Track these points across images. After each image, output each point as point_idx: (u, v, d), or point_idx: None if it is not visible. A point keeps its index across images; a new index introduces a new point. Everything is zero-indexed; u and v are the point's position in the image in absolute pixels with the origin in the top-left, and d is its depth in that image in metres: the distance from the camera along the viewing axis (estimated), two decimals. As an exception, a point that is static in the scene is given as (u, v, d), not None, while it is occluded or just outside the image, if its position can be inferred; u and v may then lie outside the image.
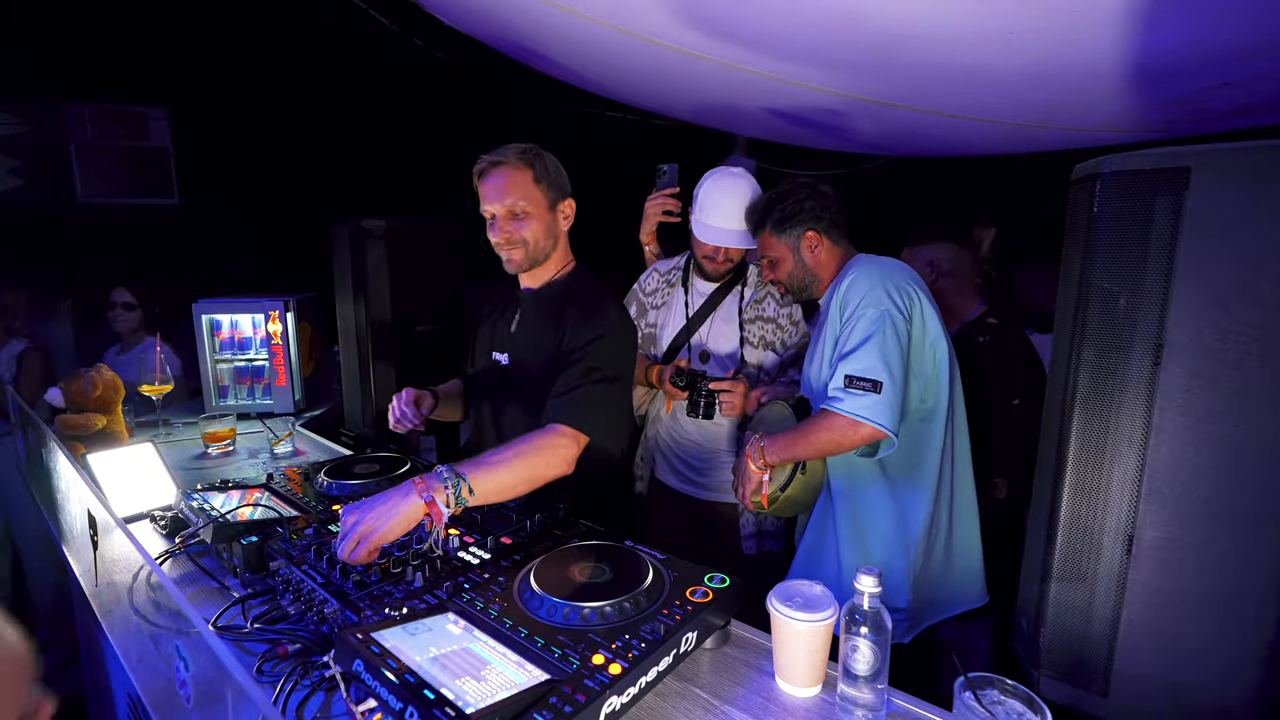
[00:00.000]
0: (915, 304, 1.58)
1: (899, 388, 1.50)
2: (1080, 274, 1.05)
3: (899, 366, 1.50)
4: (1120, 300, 1.00)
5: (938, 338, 1.61)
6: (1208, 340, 0.94)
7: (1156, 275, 0.96)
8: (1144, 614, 1.01)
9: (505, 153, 1.53)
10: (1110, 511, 1.02)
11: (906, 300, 1.57)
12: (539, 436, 1.40)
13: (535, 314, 1.64)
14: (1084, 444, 1.05)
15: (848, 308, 1.58)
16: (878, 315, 1.52)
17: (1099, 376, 1.02)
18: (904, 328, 1.54)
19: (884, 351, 1.49)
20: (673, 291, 2.14)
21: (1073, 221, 1.10)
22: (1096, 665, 1.04)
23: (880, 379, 1.48)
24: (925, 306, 1.59)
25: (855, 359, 1.51)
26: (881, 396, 1.47)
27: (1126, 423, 1.00)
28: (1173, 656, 1.00)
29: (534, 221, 1.54)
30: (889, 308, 1.53)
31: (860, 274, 1.60)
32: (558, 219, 1.59)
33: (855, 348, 1.52)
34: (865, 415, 1.46)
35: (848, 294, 1.59)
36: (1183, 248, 0.94)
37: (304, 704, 0.93)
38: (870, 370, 1.48)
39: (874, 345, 1.50)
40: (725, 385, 1.88)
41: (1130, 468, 1.00)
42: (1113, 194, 1.00)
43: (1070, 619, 1.07)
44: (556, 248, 1.62)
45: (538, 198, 1.53)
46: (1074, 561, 1.06)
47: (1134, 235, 0.98)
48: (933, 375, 1.61)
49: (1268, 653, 0.94)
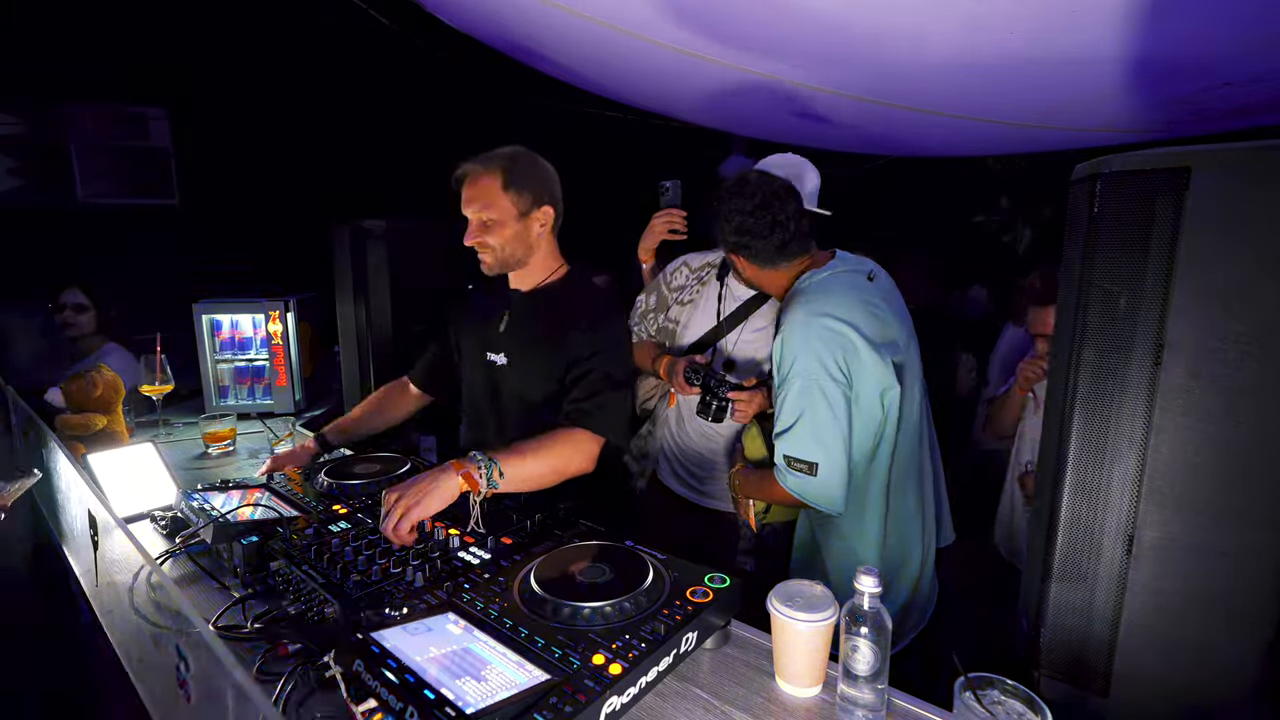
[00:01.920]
0: (853, 356, 1.46)
1: (837, 460, 1.43)
2: (1080, 274, 1.04)
3: (835, 439, 1.43)
4: (1120, 300, 0.99)
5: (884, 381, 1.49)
6: (1208, 340, 0.94)
7: (1156, 275, 0.96)
8: (1144, 614, 1.01)
9: (483, 158, 1.55)
10: (1110, 511, 1.02)
11: (841, 357, 1.45)
12: (564, 432, 1.49)
13: (528, 316, 1.64)
14: (1084, 444, 1.05)
15: (781, 366, 1.49)
16: (806, 387, 1.44)
17: (1099, 376, 1.02)
18: (838, 393, 1.44)
19: (816, 430, 1.43)
20: (704, 290, 2.01)
21: (1073, 221, 1.10)
22: (1096, 665, 1.04)
23: (816, 460, 1.43)
24: (863, 353, 1.46)
25: (790, 439, 1.46)
26: (819, 478, 1.43)
27: (1126, 423, 1.00)
28: (1173, 656, 1.00)
29: (502, 229, 1.54)
30: (819, 376, 1.43)
31: (793, 329, 1.48)
32: (530, 226, 1.57)
33: (788, 426, 1.46)
34: (805, 496, 1.45)
35: (782, 351, 1.49)
36: (1183, 248, 0.94)
37: (304, 704, 0.93)
38: (805, 452, 1.44)
39: (806, 424, 1.44)
40: (744, 396, 1.75)
41: (1130, 468, 1.00)
42: (1113, 194, 1.00)
43: (1070, 619, 1.07)
44: (535, 253, 1.62)
45: (505, 206, 1.53)
46: (1074, 561, 1.06)
47: (1134, 235, 0.98)
48: (884, 418, 1.52)
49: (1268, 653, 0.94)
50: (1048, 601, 1.09)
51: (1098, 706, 1.05)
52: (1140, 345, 0.98)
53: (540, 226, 1.59)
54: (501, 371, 1.67)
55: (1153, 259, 0.96)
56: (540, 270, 1.65)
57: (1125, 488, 1.01)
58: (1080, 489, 1.05)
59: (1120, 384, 1.00)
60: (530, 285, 1.66)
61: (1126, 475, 1.00)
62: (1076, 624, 1.06)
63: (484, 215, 1.53)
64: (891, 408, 1.51)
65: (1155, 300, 0.96)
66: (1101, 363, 1.02)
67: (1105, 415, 1.02)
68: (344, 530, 1.32)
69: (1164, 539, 0.98)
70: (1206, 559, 0.96)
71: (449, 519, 1.32)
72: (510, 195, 1.53)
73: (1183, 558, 0.98)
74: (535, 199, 1.57)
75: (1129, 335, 0.99)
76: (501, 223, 1.54)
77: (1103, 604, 1.03)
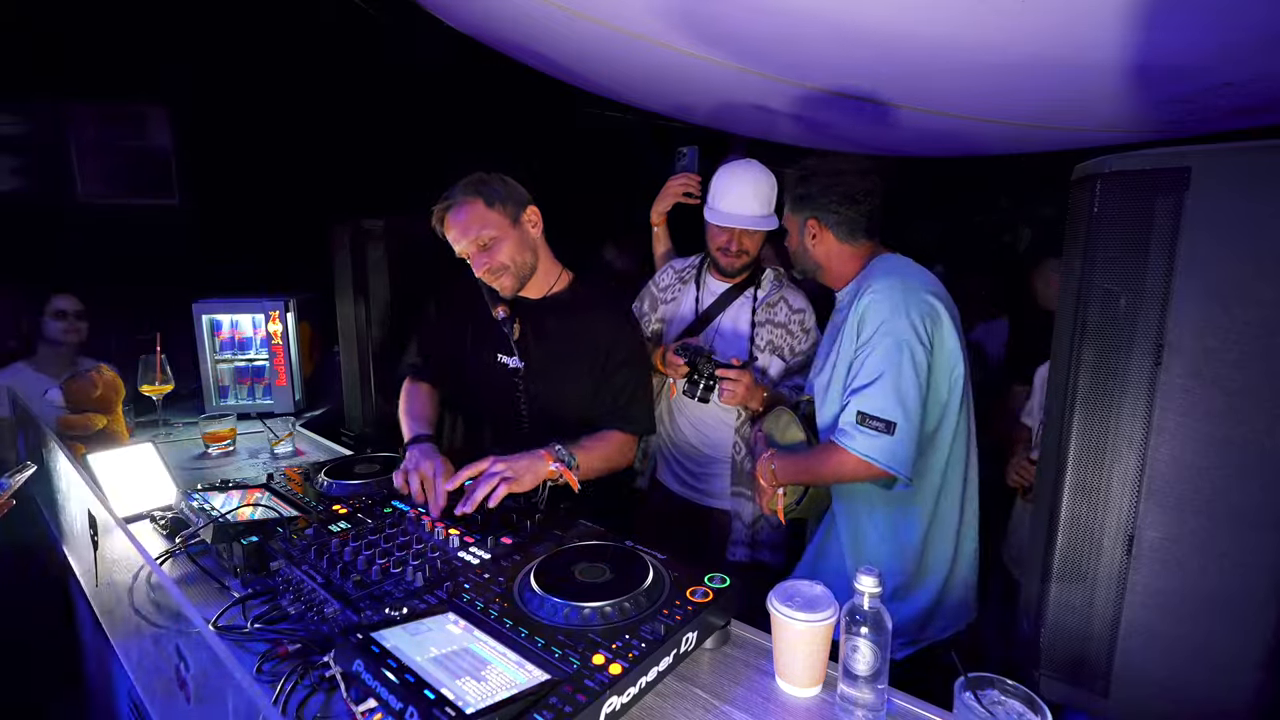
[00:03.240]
0: (939, 326, 1.48)
1: (914, 426, 1.42)
2: (1080, 274, 1.04)
3: (915, 403, 1.42)
4: (1120, 300, 0.99)
5: (956, 359, 1.52)
6: (1208, 340, 0.93)
7: (1156, 275, 0.96)
8: (1144, 614, 1.01)
9: (453, 193, 1.57)
10: (1110, 511, 1.02)
11: (929, 324, 1.46)
12: (615, 433, 1.64)
13: (543, 324, 1.67)
14: (1084, 444, 1.04)
15: (864, 329, 1.48)
16: (895, 345, 1.43)
17: (1099, 376, 1.02)
18: (924, 358, 1.44)
19: (900, 389, 1.41)
20: (684, 288, 2.12)
21: (1073, 221, 1.10)
22: (1096, 665, 1.04)
23: (895, 419, 1.40)
24: (946, 325, 1.50)
25: (870, 395, 1.43)
26: (895, 438, 1.40)
27: (1126, 423, 1.00)
28: (1173, 657, 1.00)
29: (504, 243, 1.56)
30: (909, 338, 1.43)
31: (882, 292, 1.48)
32: (525, 229, 1.61)
33: (870, 382, 1.43)
34: (877, 458, 1.40)
35: (866, 314, 1.49)
36: (1183, 248, 0.94)
37: (304, 704, 0.93)
38: (885, 410, 1.41)
39: (889, 381, 1.42)
40: (731, 374, 1.82)
41: (1130, 468, 1.00)
42: (1113, 194, 1.00)
43: (1070, 619, 1.07)
44: (540, 257, 1.65)
45: (497, 220, 1.55)
46: (1074, 561, 1.06)
47: (1134, 235, 0.98)
48: (946, 400, 1.53)
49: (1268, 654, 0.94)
50: (1048, 601, 1.09)
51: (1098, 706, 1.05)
52: (1140, 345, 0.98)
53: (533, 227, 1.62)
54: (519, 375, 1.67)
55: (1153, 259, 0.96)
56: (545, 276, 1.67)
57: (1125, 488, 1.01)
58: (1080, 489, 1.05)
59: (1120, 384, 1.00)
60: (539, 293, 1.68)
61: (1126, 475, 1.00)
62: (1076, 624, 1.06)
63: (481, 237, 1.54)
64: (956, 387, 1.52)
65: (1155, 300, 0.96)
66: (1101, 363, 1.02)
67: (1105, 415, 1.02)
68: (344, 530, 1.32)
69: (1164, 539, 0.98)
70: (1206, 559, 0.96)
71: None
72: (497, 210, 1.56)
73: (1183, 558, 0.98)
74: (518, 204, 1.60)
75: (1129, 335, 0.99)
76: (501, 237, 1.56)
77: (1103, 604, 1.03)
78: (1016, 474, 2.22)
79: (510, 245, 1.57)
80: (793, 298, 2.02)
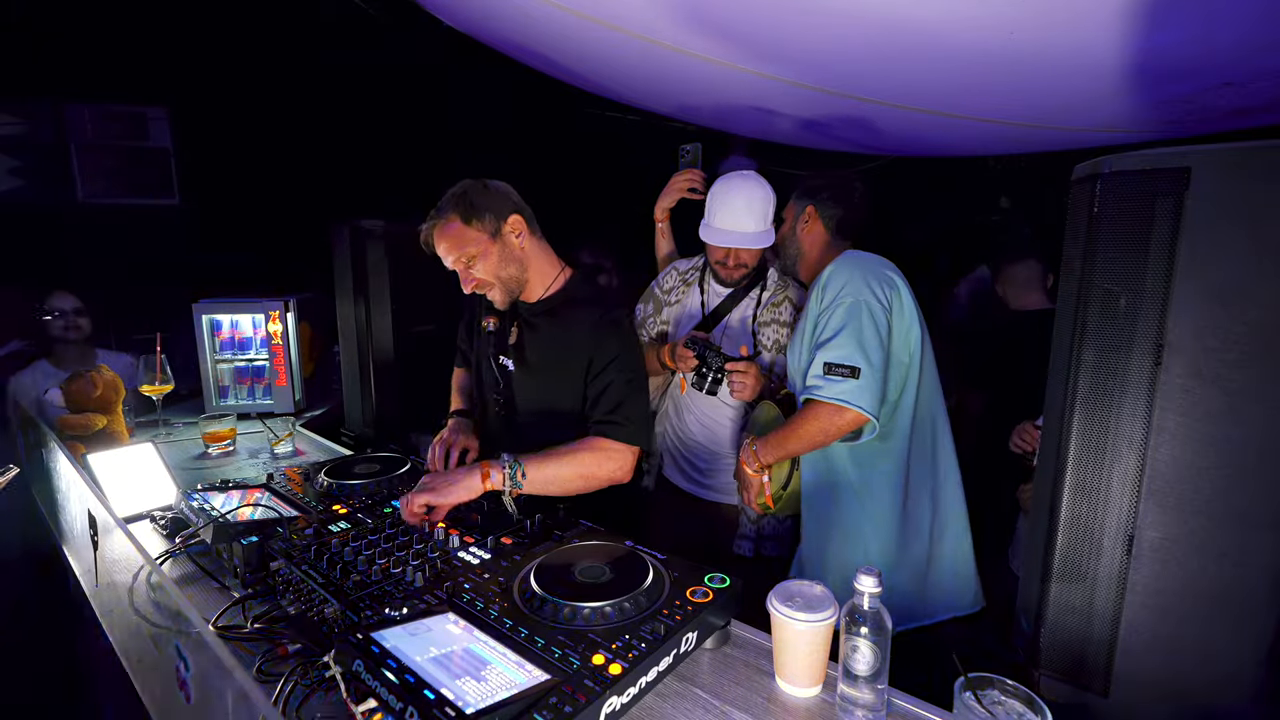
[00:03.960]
0: (895, 295, 1.61)
1: (878, 374, 1.53)
2: (1080, 274, 1.04)
3: (877, 353, 1.53)
4: (1120, 300, 0.99)
5: (913, 322, 1.63)
6: (1208, 340, 0.94)
7: (1156, 275, 0.96)
8: (1144, 614, 1.01)
9: (434, 213, 1.56)
10: (1110, 511, 1.02)
11: (886, 290, 1.60)
12: (594, 440, 1.52)
13: (539, 328, 1.65)
14: (1084, 444, 1.05)
15: (825, 296, 1.62)
16: (854, 304, 1.56)
17: (1099, 376, 1.02)
18: (882, 317, 1.57)
19: (861, 339, 1.53)
20: (689, 291, 2.13)
21: (1073, 221, 1.10)
22: (1096, 665, 1.04)
23: (858, 364, 1.51)
24: (904, 292, 1.63)
25: (833, 346, 1.54)
26: (860, 381, 1.50)
27: (1126, 423, 1.00)
28: (1173, 656, 1.00)
29: (485, 259, 1.55)
30: (867, 298, 1.56)
31: (841, 265, 1.64)
32: (507, 240, 1.57)
33: (833, 335, 1.55)
34: (845, 399, 1.50)
35: (827, 282, 1.63)
36: (1183, 248, 0.94)
37: (304, 704, 0.93)
38: (848, 358, 1.52)
39: (850, 333, 1.53)
40: (740, 366, 1.83)
41: (1130, 468, 1.00)
42: (1113, 194, 1.00)
43: (1070, 619, 1.07)
44: (531, 264, 1.62)
45: (475, 236, 1.53)
46: (1074, 561, 1.06)
47: (1134, 235, 0.98)
48: (908, 364, 1.64)
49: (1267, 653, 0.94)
50: (1048, 601, 1.09)
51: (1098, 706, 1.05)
52: (1140, 345, 0.98)
53: (516, 237, 1.58)
54: (514, 380, 1.68)
55: (1153, 259, 0.96)
56: (541, 279, 1.65)
57: (1125, 488, 1.01)
58: (1080, 489, 1.05)
59: (1120, 384, 1.00)
60: (536, 295, 1.66)
61: (1126, 475, 1.00)
62: (1076, 624, 1.06)
63: (463, 255, 1.54)
64: (916, 351, 1.63)
65: (1155, 300, 0.96)
66: (1101, 363, 1.02)
67: (1105, 415, 1.02)
68: (344, 530, 1.32)
69: (1164, 539, 0.98)
70: (1206, 559, 0.96)
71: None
72: (475, 226, 1.53)
73: (1183, 558, 0.98)
74: (497, 215, 1.56)
75: (1129, 335, 0.99)
76: (481, 254, 1.54)
77: (1103, 604, 1.03)
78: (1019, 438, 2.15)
79: (491, 261, 1.55)
80: (797, 296, 2.03)
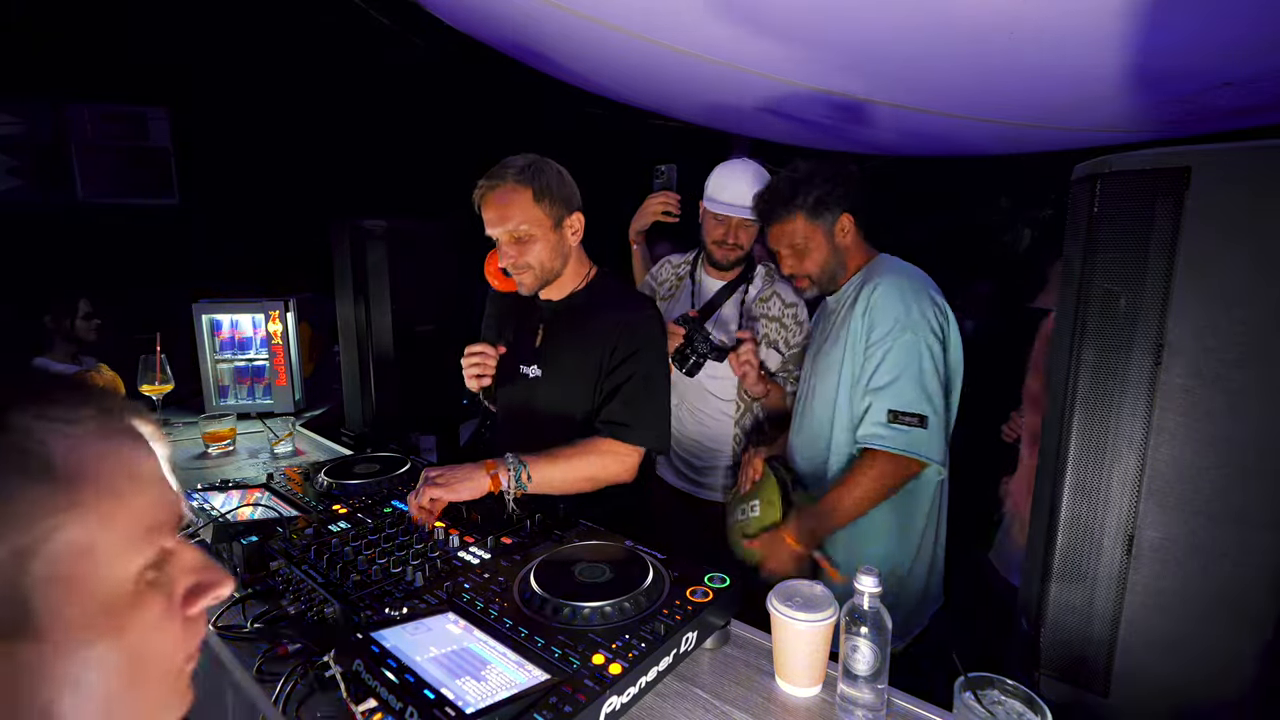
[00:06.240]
0: (948, 323, 1.52)
1: (942, 418, 1.45)
2: (1080, 274, 1.04)
3: (939, 395, 1.46)
4: (1120, 300, 0.99)
5: (958, 355, 1.56)
6: (1208, 340, 0.93)
7: (1156, 275, 0.96)
8: (1144, 614, 1.00)
9: (503, 173, 1.46)
10: (1110, 511, 1.02)
11: (939, 319, 1.50)
12: (601, 442, 1.48)
13: (563, 328, 1.60)
14: (1084, 444, 1.04)
15: (877, 327, 1.49)
16: (912, 340, 1.45)
17: (1099, 376, 1.02)
18: (939, 351, 1.48)
19: (923, 382, 1.44)
20: (681, 284, 2.16)
21: (1073, 221, 1.10)
22: (1096, 665, 1.04)
23: (925, 413, 1.43)
24: (953, 324, 1.54)
25: (895, 392, 1.44)
26: (928, 431, 1.42)
27: (1126, 423, 1.00)
28: (1173, 656, 1.00)
29: (538, 244, 1.47)
30: (924, 333, 1.46)
31: (888, 288, 1.50)
32: (564, 236, 1.51)
33: (892, 380, 1.45)
34: (916, 452, 1.41)
35: (876, 311, 1.49)
36: (1183, 248, 0.94)
37: (304, 704, 0.93)
38: (914, 404, 1.43)
39: (912, 377, 1.44)
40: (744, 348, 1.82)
41: (1130, 468, 1.00)
42: (1113, 194, 1.00)
43: (1070, 619, 1.07)
44: (569, 264, 1.56)
45: (539, 218, 1.46)
46: (1074, 561, 1.06)
47: (1134, 235, 0.98)
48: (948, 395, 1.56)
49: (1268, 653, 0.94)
50: (1048, 601, 1.09)
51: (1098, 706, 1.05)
52: (1140, 345, 0.98)
53: (573, 235, 1.53)
54: (537, 385, 1.62)
55: (1153, 259, 0.96)
56: (572, 279, 1.59)
57: (1125, 488, 1.01)
58: (1080, 489, 1.05)
59: (1120, 384, 1.00)
60: (562, 294, 1.61)
61: (1126, 475, 1.00)
62: (1076, 624, 1.06)
63: (519, 231, 1.45)
64: (955, 384, 1.56)
65: (1155, 300, 0.96)
66: (1101, 363, 1.02)
67: (1105, 415, 1.02)
68: (344, 530, 1.32)
69: (1164, 539, 0.98)
70: (1206, 559, 0.96)
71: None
72: (543, 207, 1.45)
73: (1183, 558, 0.98)
74: (566, 207, 1.49)
75: (1129, 335, 0.99)
76: (537, 238, 1.46)
77: (1103, 604, 1.03)
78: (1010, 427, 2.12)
79: (543, 248, 1.48)
80: (785, 292, 2.05)
